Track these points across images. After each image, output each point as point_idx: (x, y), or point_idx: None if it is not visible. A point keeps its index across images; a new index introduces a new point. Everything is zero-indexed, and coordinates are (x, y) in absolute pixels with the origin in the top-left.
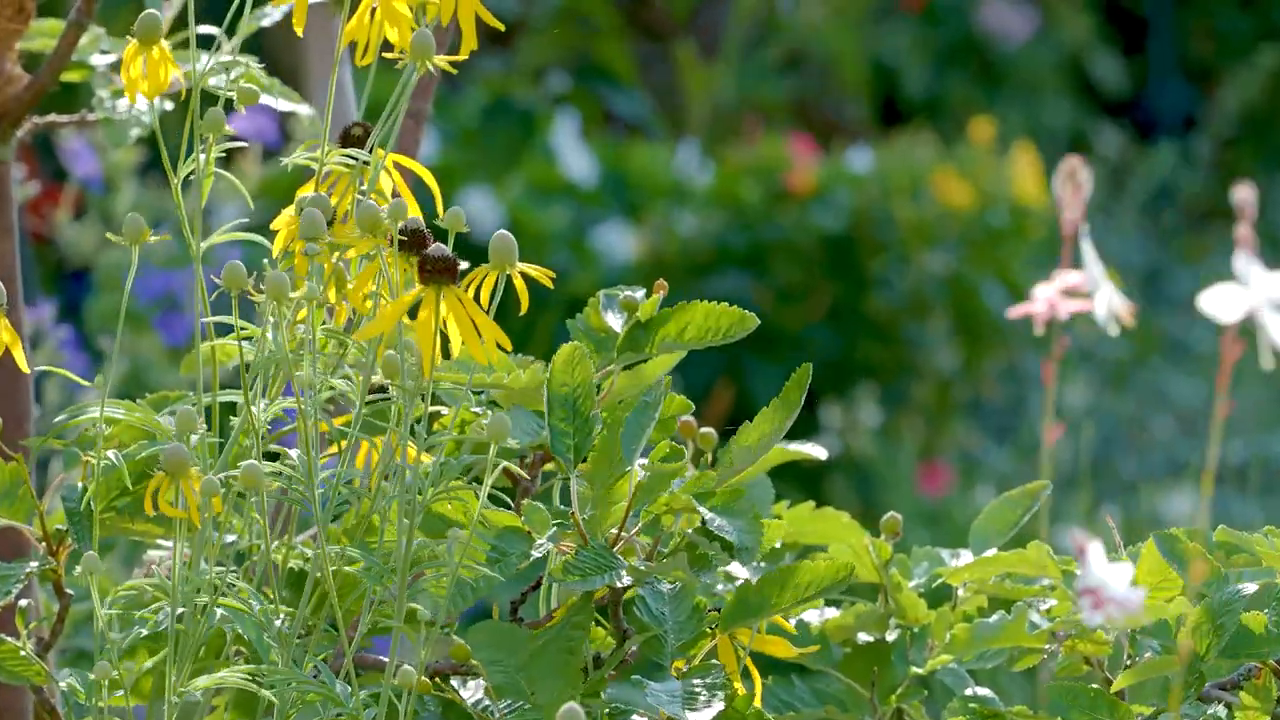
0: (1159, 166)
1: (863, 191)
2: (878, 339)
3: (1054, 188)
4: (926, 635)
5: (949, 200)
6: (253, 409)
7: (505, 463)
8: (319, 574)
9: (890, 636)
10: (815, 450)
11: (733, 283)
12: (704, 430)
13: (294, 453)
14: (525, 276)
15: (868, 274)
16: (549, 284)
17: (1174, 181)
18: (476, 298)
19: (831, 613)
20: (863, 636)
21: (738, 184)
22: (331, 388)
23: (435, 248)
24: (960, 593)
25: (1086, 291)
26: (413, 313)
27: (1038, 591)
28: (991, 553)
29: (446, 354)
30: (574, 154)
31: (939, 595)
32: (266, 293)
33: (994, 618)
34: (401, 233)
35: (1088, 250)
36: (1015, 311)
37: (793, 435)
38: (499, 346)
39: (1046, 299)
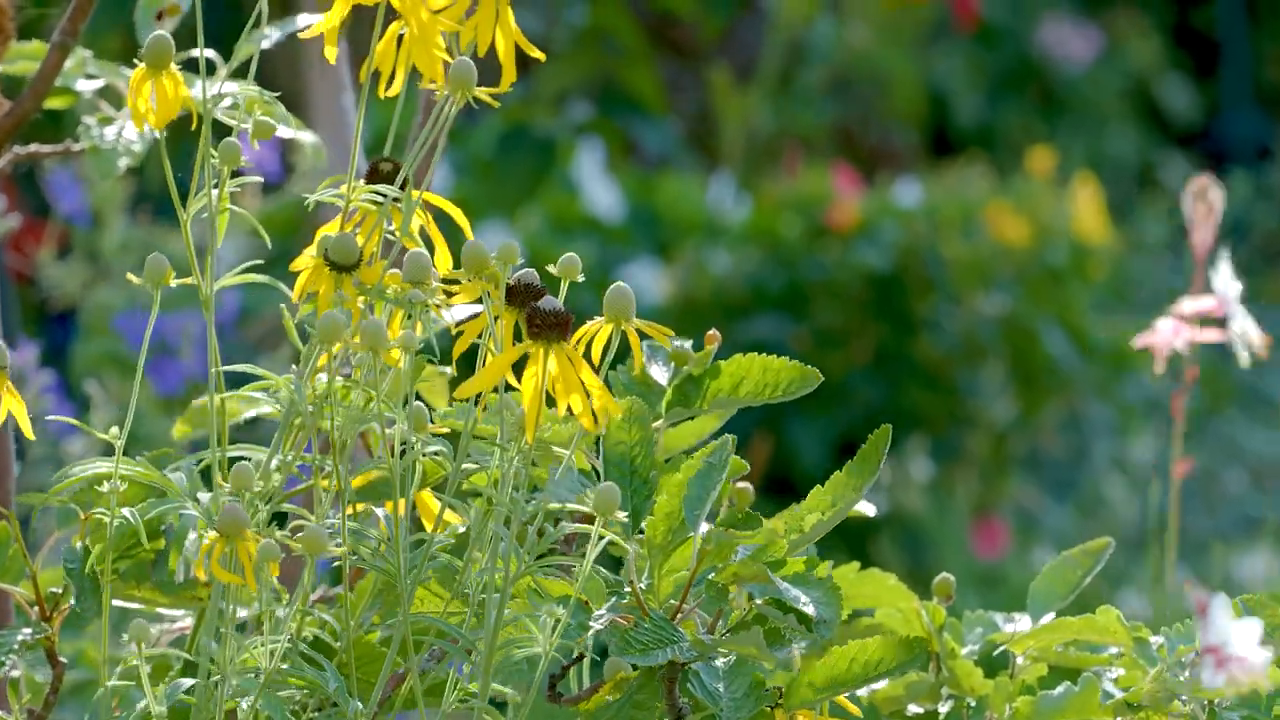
0: (1231, 200)
1: (911, 227)
2: (927, 387)
3: (1129, 219)
4: (985, 708)
5: (1004, 237)
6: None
7: (613, 534)
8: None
9: (943, 708)
10: (863, 508)
11: (770, 326)
12: (740, 485)
13: (379, 511)
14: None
15: (916, 316)
16: (667, 344)
17: (1247, 216)
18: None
19: (880, 682)
20: (913, 708)
21: (775, 219)
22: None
23: (546, 300)
24: (1019, 661)
25: (1216, 319)
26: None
27: (1105, 660)
28: (1052, 617)
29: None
30: (598, 186)
31: (994, 663)
32: (364, 341)
33: (1059, 689)
34: (513, 284)
35: (1224, 272)
36: (1140, 342)
37: None
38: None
39: (1171, 328)
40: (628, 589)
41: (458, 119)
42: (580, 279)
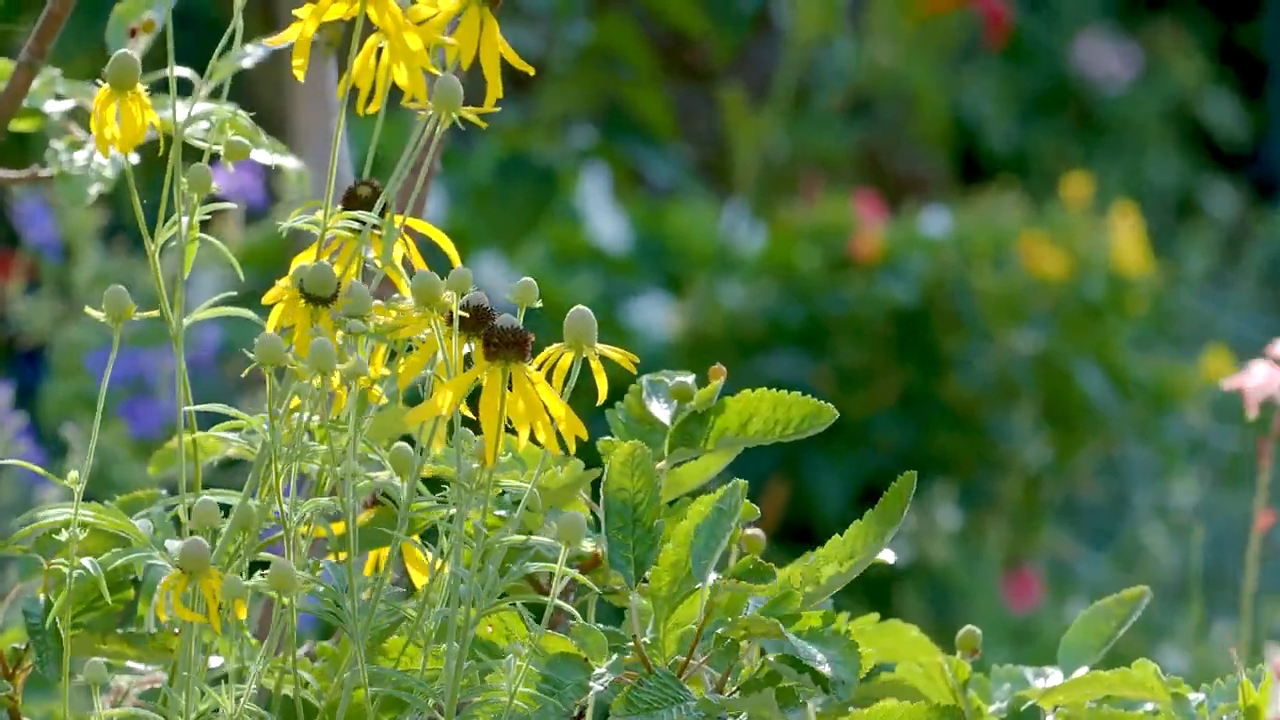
0: None
1: (938, 258)
2: (956, 429)
3: (1171, 250)
4: None
5: (1038, 269)
6: (283, 506)
7: (573, 571)
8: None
9: None
10: (884, 555)
11: (788, 364)
12: (751, 531)
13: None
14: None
15: (944, 354)
16: (633, 369)
17: None
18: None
19: None
20: None
21: (793, 250)
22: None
23: (504, 318)
24: (1049, 718)
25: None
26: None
27: (1141, 717)
28: (1085, 671)
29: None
30: (603, 216)
31: None
32: (311, 363)
33: None
34: (465, 309)
35: None
36: (1230, 384)
37: None
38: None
39: (1266, 372)
40: (631, 644)
41: (453, 143)
42: (538, 305)
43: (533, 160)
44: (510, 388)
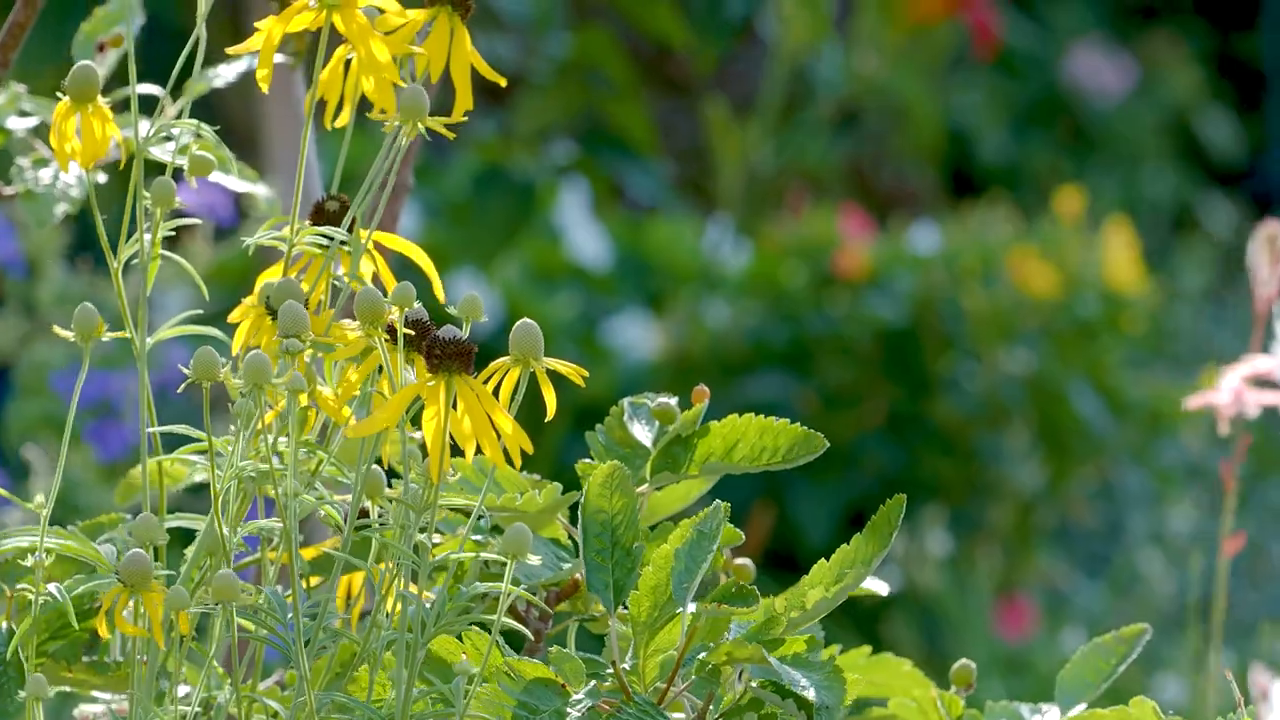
0: None
1: (927, 276)
2: (945, 452)
3: (1166, 267)
4: None
5: (1030, 286)
6: (223, 529)
7: (520, 590)
8: None
9: None
10: (875, 585)
11: (772, 385)
12: (740, 561)
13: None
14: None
15: (933, 375)
16: (582, 383)
17: None
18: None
19: None
20: None
21: (778, 267)
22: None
23: (446, 329)
24: None
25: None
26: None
27: None
28: (1083, 708)
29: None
30: (582, 232)
31: None
32: (245, 377)
33: None
34: (408, 326)
35: None
36: (1194, 402)
37: None
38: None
39: (1234, 388)
40: (610, 670)
41: (428, 157)
42: (484, 319)
43: (511, 174)
44: (455, 405)
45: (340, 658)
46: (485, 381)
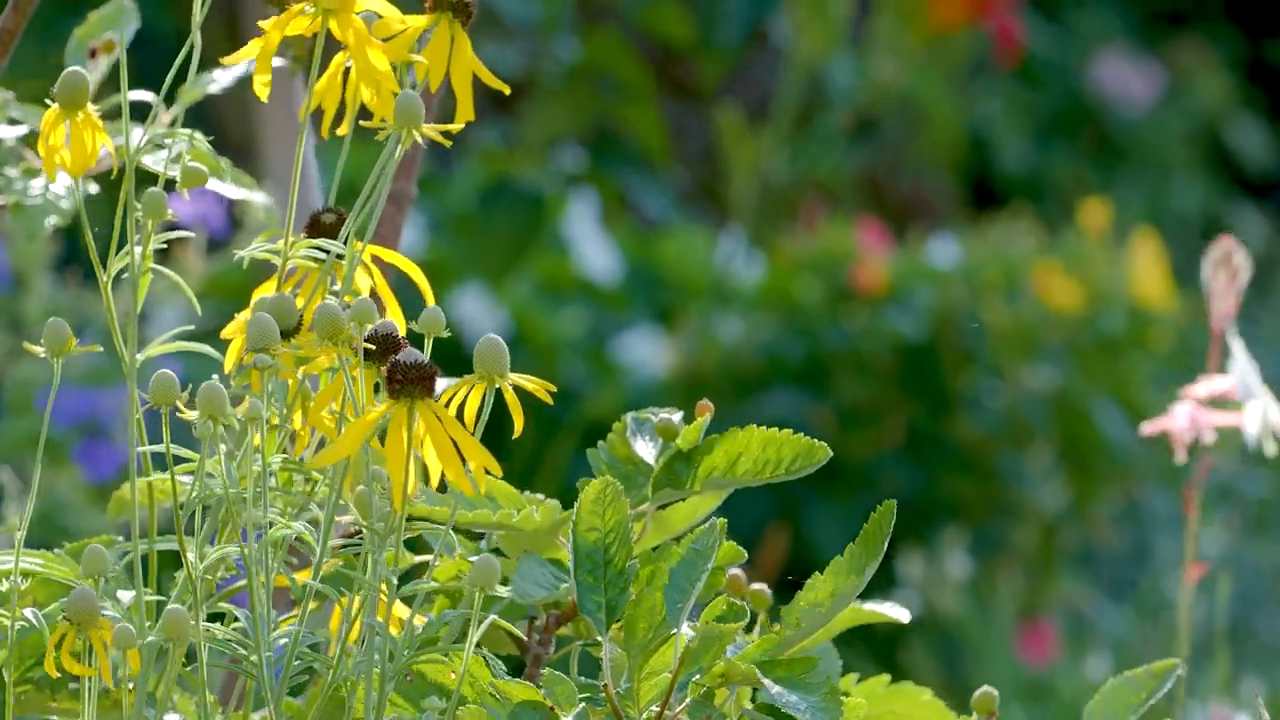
0: None
1: (947, 290)
2: (966, 472)
3: (1195, 282)
4: None
5: (1053, 301)
6: (190, 557)
7: (493, 615)
8: None
9: None
10: (894, 611)
11: (787, 402)
12: (756, 587)
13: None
14: (523, 391)
15: (953, 392)
16: (549, 399)
17: None
18: (460, 416)
19: None
20: None
21: (793, 281)
22: (287, 528)
23: (407, 353)
24: None
25: (1236, 402)
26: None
27: None
28: None
29: (442, 487)
30: (592, 245)
31: None
32: (199, 409)
33: None
34: (370, 340)
35: (1238, 351)
36: (1148, 429)
37: (864, 592)
38: (491, 474)
39: (1189, 414)
40: (603, 694)
41: (433, 168)
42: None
43: (518, 186)
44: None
45: (319, 687)
46: (448, 403)
